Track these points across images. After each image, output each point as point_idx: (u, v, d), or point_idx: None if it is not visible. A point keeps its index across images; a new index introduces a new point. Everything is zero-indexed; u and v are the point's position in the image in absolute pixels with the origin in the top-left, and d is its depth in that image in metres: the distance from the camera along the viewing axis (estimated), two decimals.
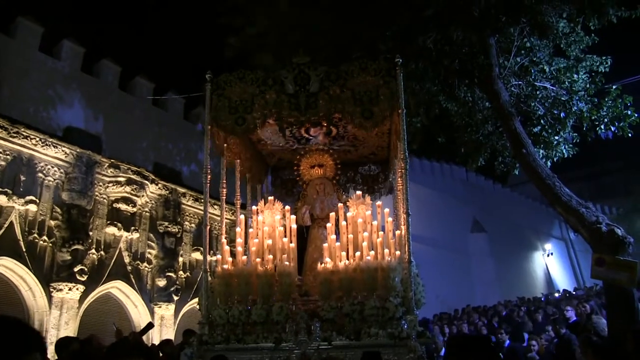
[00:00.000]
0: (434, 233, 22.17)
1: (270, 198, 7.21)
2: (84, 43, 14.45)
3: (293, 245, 6.60)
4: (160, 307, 14.16)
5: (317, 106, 6.39)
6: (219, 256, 6.54)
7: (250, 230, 6.89)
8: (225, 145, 7.15)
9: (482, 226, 27.44)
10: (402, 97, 6.35)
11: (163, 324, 13.97)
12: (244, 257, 6.47)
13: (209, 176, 6.58)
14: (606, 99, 10.15)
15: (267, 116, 6.55)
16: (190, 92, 15.10)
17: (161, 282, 14.31)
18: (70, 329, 11.84)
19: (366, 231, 6.52)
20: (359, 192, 7.26)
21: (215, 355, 5.44)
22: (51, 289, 12.02)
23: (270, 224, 6.87)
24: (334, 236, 6.57)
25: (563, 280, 30.74)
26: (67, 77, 13.91)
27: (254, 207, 7.27)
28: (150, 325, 9.39)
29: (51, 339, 11.07)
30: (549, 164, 10.59)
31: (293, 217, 7.01)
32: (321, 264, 6.29)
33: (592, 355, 4.94)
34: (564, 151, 10.83)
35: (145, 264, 14.23)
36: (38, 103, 13.15)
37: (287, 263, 6.27)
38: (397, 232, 6.71)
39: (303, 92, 6.45)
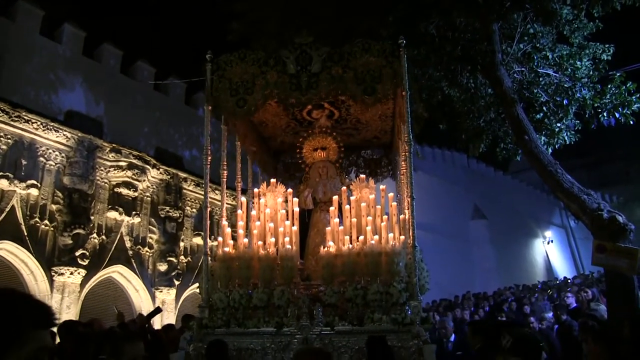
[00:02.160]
0: (435, 219, 22.20)
1: (273, 180, 7.08)
2: (85, 27, 14.42)
3: (295, 228, 6.49)
4: (161, 291, 14.24)
5: (318, 86, 6.27)
6: (219, 239, 6.43)
7: (252, 213, 6.76)
8: (234, 126, 7.10)
9: (482, 213, 27.47)
10: (406, 78, 6.23)
11: (164, 308, 14.02)
12: (245, 240, 6.37)
13: (209, 158, 6.47)
14: (609, 86, 10.11)
15: (267, 97, 6.45)
16: (191, 77, 15.06)
17: (162, 267, 14.38)
18: (71, 313, 11.91)
19: (370, 215, 6.40)
20: (362, 176, 7.13)
21: (213, 339, 5.38)
22: (53, 273, 12.09)
23: (272, 206, 6.75)
24: (337, 220, 6.46)
25: (563, 268, 30.82)
26: (68, 61, 13.88)
27: (255, 190, 7.13)
28: (158, 310, 9.42)
29: None
30: (550, 150, 10.57)
31: (296, 199, 6.90)
32: (324, 247, 6.19)
33: (592, 341, 4.95)
34: (566, 138, 10.80)
35: (146, 248, 14.28)
36: (39, 87, 13.14)
37: (289, 246, 6.16)
38: (401, 216, 6.60)
39: (305, 73, 6.32)
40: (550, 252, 31.42)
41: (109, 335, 6.15)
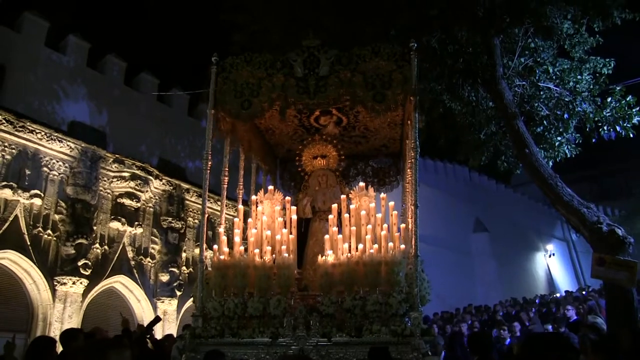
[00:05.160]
0: (436, 232, 22.18)
1: (270, 188, 6.98)
2: (90, 38, 14.53)
3: (293, 236, 6.35)
4: (163, 302, 14.24)
5: (327, 90, 6.12)
6: (215, 247, 6.33)
7: (249, 220, 6.64)
8: (230, 130, 6.93)
9: (484, 226, 27.44)
10: (416, 82, 6.09)
11: (166, 319, 14.04)
12: (242, 248, 6.23)
13: (210, 162, 6.34)
14: (609, 100, 10.19)
15: (274, 100, 6.30)
16: (194, 88, 15.17)
17: (164, 277, 14.39)
18: (73, 323, 11.92)
19: (369, 224, 6.27)
20: (362, 184, 6.99)
21: (210, 350, 5.23)
22: (55, 283, 12.11)
23: (270, 214, 6.63)
24: (335, 228, 6.32)
25: (564, 281, 30.75)
26: (73, 72, 13.98)
27: (253, 197, 7.00)
28: (157, 319, 9.45)
29: (55, 332, 11.17)
30: (550, 164, 10.63)
31: (294, 207, 6.75)
32: (322, 256, 6.07)
33: (591, 352, 4.98)
34: (567, 152, 10.87)
35: (148, 259, 14.31)
36: (43, 97, 13.22)
37: (286, 255, 6.04)
38: (403, 225, 6.47)
39: (312, 76, 6.18)
40: (551, 266, 31.34)
41: (92, 342, 6.05)
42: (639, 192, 31.48)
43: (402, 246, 6.16)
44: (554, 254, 31.50)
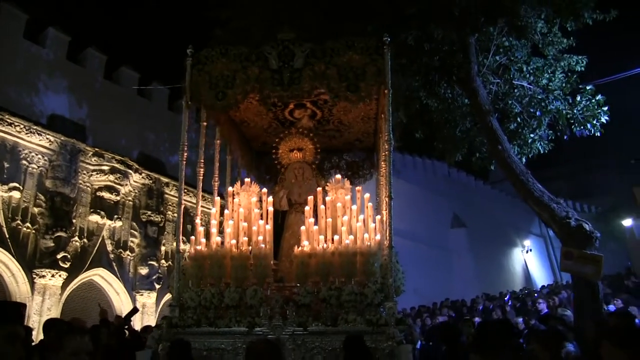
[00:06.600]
0: (414, 227, 22.41)
1: (247, 180, 7.01)
2: (70, 31, 14.50)
3: (269, 227, 6.33)
4: (142, 295, 14.32)
5: (301, 82, 6.20)
6: (192, 237, 6.33)
7: (226, 212, 6.65)
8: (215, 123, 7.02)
9: (462, 222, 27.69)
10: (389, 75, 6.17)
11: (145, 311, 14.13)
12: (218, 239, 6.22)
13: (186, 153, 6.43)
14: (579, 99, 10.45)
15: (248, 92, 6.37)
16: (174, 82, 15.19)
17: (143, 271, 14.47)
18: (52, 315, 11.90)
19: (345, 215, 6.30)
20: (338, 176, 7.01)
21: (176, 339, 5.26)
22: (34, 276, 12.13)
23: (246, 206, 6.65)
24: (312, 219, 6.31)
25: (541, 277, 31.17)
26: (52, 64, 13.96)
27: (229, 189, 7.02)
28: (135, 310, 9.55)
29: (33, 325, 11.18)
30: (524, 160, 10.88)
31: (270, 199, 6.77)
32: (298, 247, 6.06)
33: (537, 345, 5.11)
34: (540, 148, 11.12)
35: (127, 252, 14.37)
36: (22, 90, 13.18)
37: (262, 246, 6.02)
38: (378, 217, 6.51)
39: (287, 68, 6.25)
40: (528, 261, 31.74)
41: (52, 328, 6.09)
42: (616, 190, 31.92)
43: (377, 237, 6.19)
44: (531, 250, 31.86)
